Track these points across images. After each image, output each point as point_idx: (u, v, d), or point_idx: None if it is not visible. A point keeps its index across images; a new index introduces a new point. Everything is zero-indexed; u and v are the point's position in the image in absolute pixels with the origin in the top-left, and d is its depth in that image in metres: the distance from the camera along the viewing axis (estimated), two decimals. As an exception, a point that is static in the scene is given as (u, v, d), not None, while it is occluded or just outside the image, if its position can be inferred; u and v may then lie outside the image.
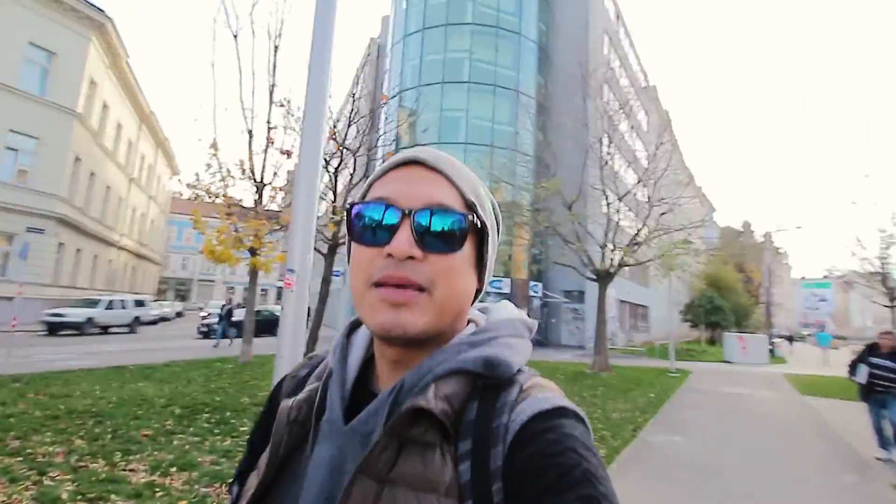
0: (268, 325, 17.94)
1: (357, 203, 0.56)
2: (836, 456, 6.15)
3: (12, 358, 8.81)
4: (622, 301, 28.58)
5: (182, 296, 59.17)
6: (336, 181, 10.49)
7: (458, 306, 0.55)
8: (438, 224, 0.52)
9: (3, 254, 18.60)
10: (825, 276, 50.63)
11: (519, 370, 0.55)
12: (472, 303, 0.60)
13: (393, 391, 0.53)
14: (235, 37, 11.20)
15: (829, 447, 6.58)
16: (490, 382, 0.52)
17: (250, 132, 11.41)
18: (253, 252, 11.09)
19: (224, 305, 17.16)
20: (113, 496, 3.42)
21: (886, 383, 6.05)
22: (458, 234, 0.53)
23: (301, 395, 0.60)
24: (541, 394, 0.51)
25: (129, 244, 32.10)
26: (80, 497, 3.38)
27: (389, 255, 0.51)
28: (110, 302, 19.67)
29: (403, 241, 0.51)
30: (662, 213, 13.44)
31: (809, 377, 15.30)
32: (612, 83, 25.71)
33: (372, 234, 0.53)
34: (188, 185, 11.41)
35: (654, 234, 13.65)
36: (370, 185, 0.58)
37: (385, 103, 13.30)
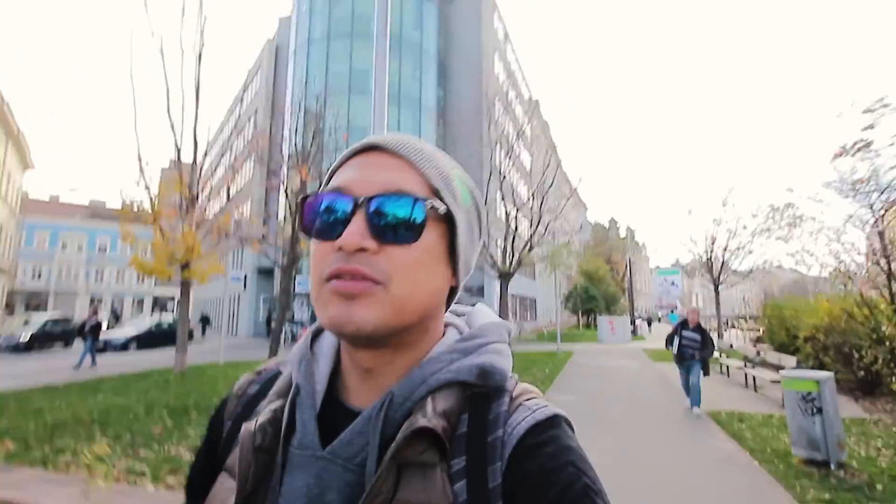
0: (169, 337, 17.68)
1: (310, 195, 0.51)
2: (671, 397, 8.84)
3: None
4: (513, 294, 32.04)
5: (36, 308, 51.79)
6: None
7: (421, 304, 0.48)
8: (393, 211, 0.46)
9: None
10: (673, 265, 60.74)
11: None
12: (450, 303, 0.56)
13: (381, 407, 0.47)
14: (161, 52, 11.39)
15: (667, 392, 9.36)
16: (479, 392, 0.49)
17: (178, 148, 11.72)
18: (185, 266, 11.40)
19: (89, 319, 14.20)
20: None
21: (691, 350, 7.51)
22: (417, 222, 0.46)
23: (264, 417, 0.51)
24: (531, 402, 0.49)
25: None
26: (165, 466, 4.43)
27: (341, 248, 0.46)
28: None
29: (354, 231, 0.45)
30: (549, 221, 16.24)
31: (659, 350, 19.27)
32: (503, 101, 28.72)
33: (326, 227, 0.48)
34: (119, 210, 11.45)
35: (543, 239, 16.38)
36: (330, 176, 0.52)
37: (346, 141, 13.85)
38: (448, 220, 0.50)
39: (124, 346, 19.61)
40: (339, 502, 0.45)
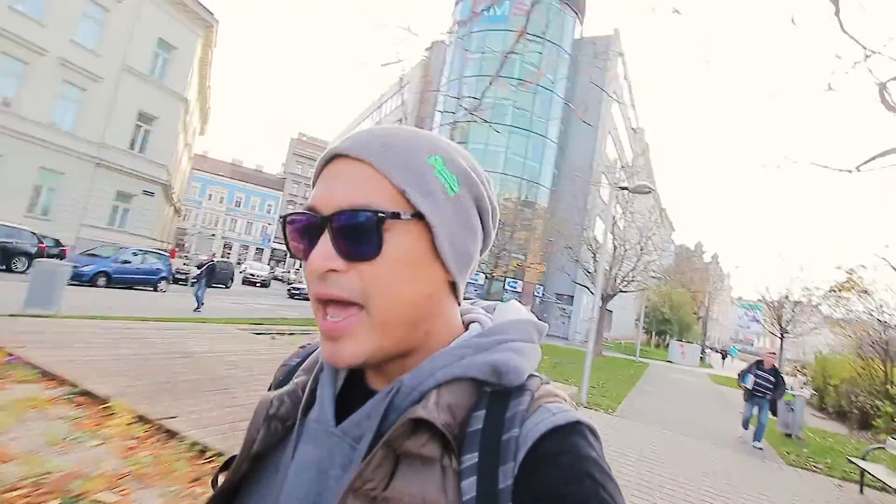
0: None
1: (288, 216, 0.49)
2: (723, 406, 13.41)
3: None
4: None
5: (179, 247, 62.54)
6: None
7: (408, 315, 0.47)
8: (352, 227, 0.45)
9: (123, 210, 23.84)
10: (759, 300, 60.76)
11: (529, 376, 0.50)
12: (458, 297, 0.54)
13: (389, 393, 0.48)
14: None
15: (720, 402, 13.92)
16: (498, 389, 0.48)
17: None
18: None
19: (205, 262, 14.03)
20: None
21: (763, 391, 8.02)
22: (374, 235, 0.45)
23: (284, 388, 0.55)
24: (553, 405, 0.47)
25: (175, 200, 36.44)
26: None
27: (310, 272, 0.46)
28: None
29: (318, 255, 0.45)
30: (650, 261, 20.73)
31: (720, 376, 23.49)
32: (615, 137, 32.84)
33: (299, 249, 0.48)
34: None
35: (641, 272, 20.92)
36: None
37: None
38: (423, 219, 0.47)
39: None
40: (341, 478, 0.46)
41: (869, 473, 6.14)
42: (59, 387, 3.60)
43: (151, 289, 16.28)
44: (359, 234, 0.45)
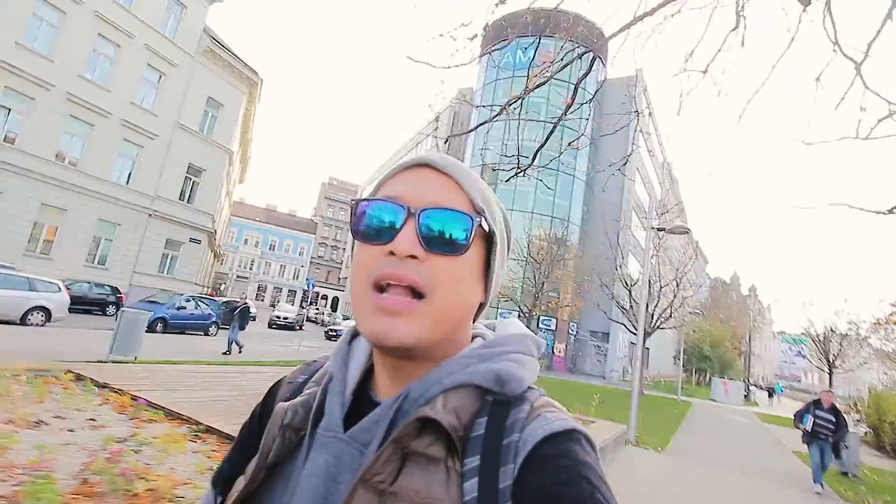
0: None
1: (362, 200, 0.54)
2: (774, 447, 13.00)
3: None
4: (632, 343, 35.72)
5: (217, 290, 64.46)
6: None
7: (457, 317, 0.52)
8: (443, 225, 0.50)
9: (171, 257, 25.13)
10: (803, 333, 58.14)
11: (528, 387, 0.53)
12: (476, 318, 0.59)
13: (398, 400, 0.51)
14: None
15: (770, 442, 13.52)
16: (500, 398, 0.51)
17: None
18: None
19: (236, 304, 13.92)
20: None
21: (826, 432, 7.49)
22: (464, 237, 0.51)
23: (298, 399, 0.58)
24: (552, 414, 0.50)
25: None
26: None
27: (391, 252, 0.49)
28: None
29: (406, 238, 0.49)
30: (686, 297, 20.60)
31: (768, 415, 22.58)
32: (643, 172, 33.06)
33: (376, 232, 0.52)
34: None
35: (678, 308, 20.77)
36: (379, 186, 0.56)
37: None
38: (488, 240, 0.55)
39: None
40: (350, 482, 0.47)
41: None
42: (183, 424, 4.09)
43: (202, 333, 17.10)
44: (451, 232, 0.50)
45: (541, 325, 28.27)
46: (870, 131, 3.63)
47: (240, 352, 12.33)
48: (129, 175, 21.87)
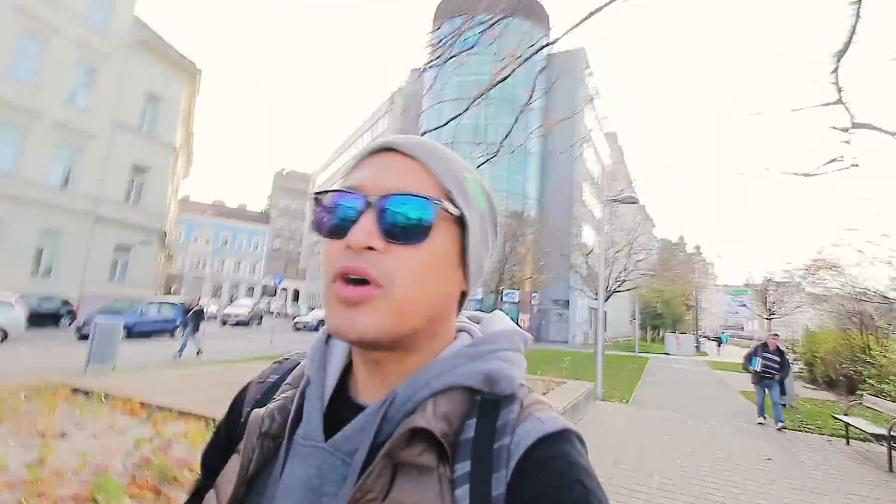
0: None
1: (321, 193, 0.51)
2: (723, 390, 14.31)
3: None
4: (592, 308, 37.54)
5: (169, 292, 61.95)
6: None
7: (427, 309, 0.49)
8: (403, 211, 0.47)
9: (122, 262, 24.23)
10: (745, 284, 62.76)
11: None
12: (460, 308, 0.57)
13: (383, 405, 0.48)
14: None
15: (720, 387, 14.86)
16: (489, 397, 0.49)
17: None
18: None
19: (190, 305, 13.30)
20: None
21: (772, 372, 8.13)
22: (425, 222, 0.47)
23: (274, 404, 0.54)
24: (542, 413, 0.48)
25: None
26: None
27: (349, 246, 0.46)
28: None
29: (362, 229, 0.46)
30: (639, 260, 21.92)
31: (717, 361, 24.61)
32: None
33: (335, 226, 0.49)
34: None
35: (631, 272, 22.09)
36: (344, 176, 0.53)
37: None
38: (460, 223, 0.50)
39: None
40: (335, 495, 0.46)
41: (852, 426, 7.12)
42: (198, 421, 4.32)
43: (169, 335, 16.85)
44: (409, 219, 0.47)
45: (504, 299, 29.22)
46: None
47: (197, 355, 12.01)
48: (68, 179, 20.77)
